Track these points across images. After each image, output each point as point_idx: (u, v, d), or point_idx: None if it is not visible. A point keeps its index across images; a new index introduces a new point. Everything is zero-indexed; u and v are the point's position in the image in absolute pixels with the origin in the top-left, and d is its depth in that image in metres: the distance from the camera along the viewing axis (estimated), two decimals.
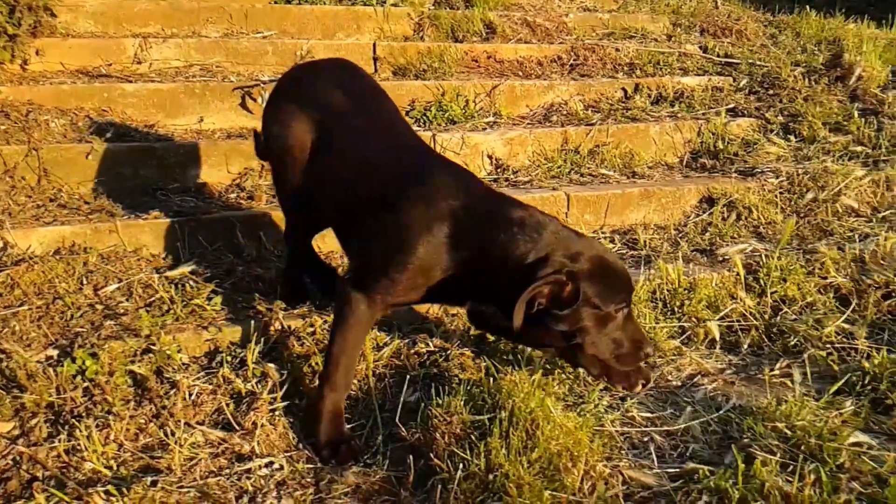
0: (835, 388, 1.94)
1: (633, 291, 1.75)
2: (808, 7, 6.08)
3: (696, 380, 2.13)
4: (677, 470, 1.64)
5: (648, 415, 1.90)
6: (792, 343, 2.25)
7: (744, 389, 2.07)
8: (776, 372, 2.15)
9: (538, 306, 1.59)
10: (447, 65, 3.84)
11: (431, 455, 1.62)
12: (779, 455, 1.63)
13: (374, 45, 3.90)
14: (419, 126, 3.37)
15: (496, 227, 1.64)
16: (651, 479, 1.62)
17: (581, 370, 1.91)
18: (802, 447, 1.68)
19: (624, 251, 2.77)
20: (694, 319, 2.35)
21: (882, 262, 2.58)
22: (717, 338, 2.30)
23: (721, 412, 1.89)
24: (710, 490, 1.55)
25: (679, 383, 2.11)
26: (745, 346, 2.29)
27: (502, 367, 1.96)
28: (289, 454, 1.73)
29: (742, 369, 2.19)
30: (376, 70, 3.87)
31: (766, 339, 2.30)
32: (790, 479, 1.54)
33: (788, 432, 1.72)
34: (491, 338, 2.08)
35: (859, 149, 3.35)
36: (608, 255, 1.74)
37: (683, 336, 2.32)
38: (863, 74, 3.92)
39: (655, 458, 1.68)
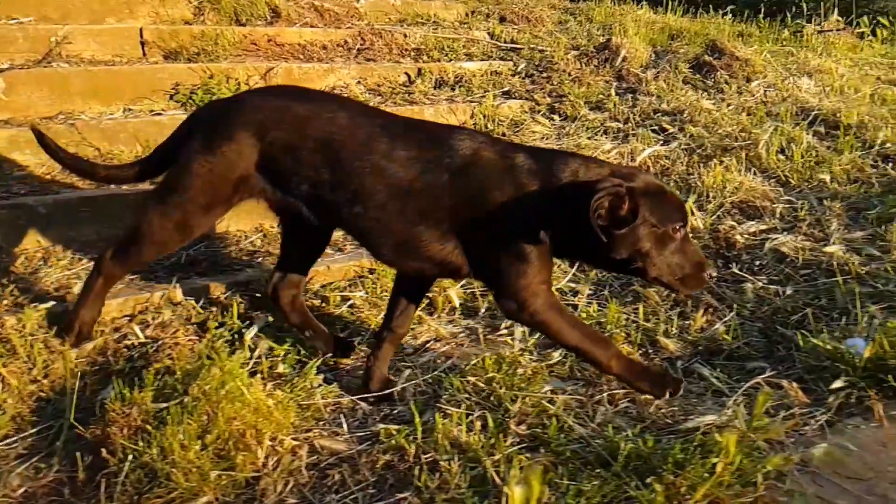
0: (532, 340, 2.07)
1: (687, 214, 1.78)
2: None
3: (428, 345, 2.19)
4: (368, 433, 1.67)
5: None
6: None
7: (470, 350, 2.15)
8: (503, 332, 2.26)
9: (599, 221, 1.59)
10: (222, 48, 3.70)
11: (104, 450, 1.52)
12: (464, 407, 1.71)
13: (141, 29, 3.67)
14: (183, 110, 3.21)
15: (560, 170, 1.69)
16: (342, 445, 1.63)
17: None
18: (492, 398, 1.77)
19: None
20: (436, 289, 2.41)
21: None
22: (457, 305, 2.39)
23: (434, 373, 1.95)
24: (392, 448, 1.59)
25: (411, 350, 2.16)
26: (483, 311, 2.39)
27: (220, 352, 1.90)
28: None
29: (475, 332, 2.28)
30: (145, 55, 3.64)
31: None
32: (470, 428, 1.62)
33: (483, 385, 1.81)
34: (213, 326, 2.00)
35: (614, 124, 3.62)
36: (661, 181, 1.81)
37: (428, 305, 2.39)
38: (627, 56, 4.23)
39: (348, 425, 1.70)
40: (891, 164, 3.14)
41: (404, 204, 1.71)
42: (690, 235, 1.77)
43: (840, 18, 5.73)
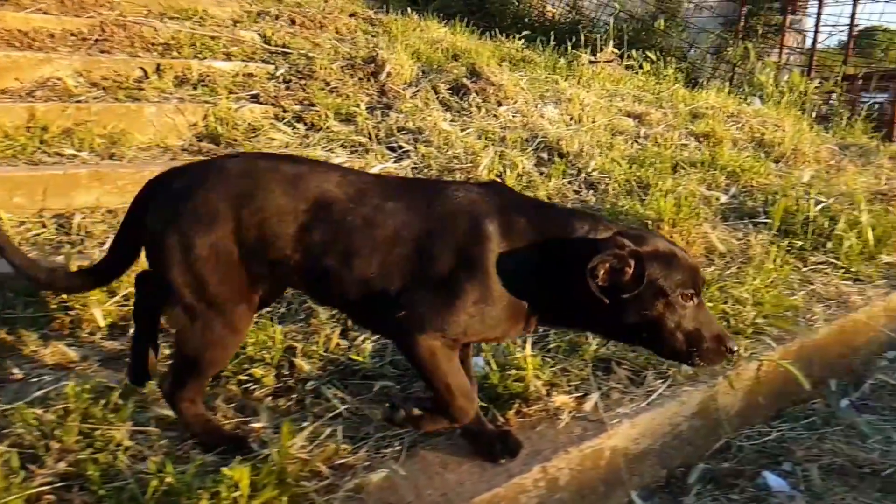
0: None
1: (703, 282, 1.61)
2: (409, 9, 6.62)
3: (47, 370, 2.00)
4: None
5: None
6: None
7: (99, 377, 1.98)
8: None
9: (599, 282, 1.49)
10: None
11: None
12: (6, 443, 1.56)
13: None
14: None
15: (554, 227, 1.59)
16: None
17: None
18: (56, 432, 1.62)
19: (53, 236, 2.57)
20: (77, 306, 2.23)
21: None
22: (102, 325, 2.21)
23: (18, 404, 1.77)
24: None
25: (20, 375, 1.96)
26: (132, 332, 2.23)
27: None
28: None
29: (117, 355, 2.12)
30: None
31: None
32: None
33: (52, 417, 1.66)
34: None
35: (359, 138, 3.60)
36: (673, 244, 1.62)
37: (71, 323, 2.20)
38: (391, 71, 4.27)
39: None
40: (592, 191, 3.37)
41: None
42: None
43: (616, 50, 6.18)
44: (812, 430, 2.19)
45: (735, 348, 1.58)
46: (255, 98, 3.77)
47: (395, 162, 3.40)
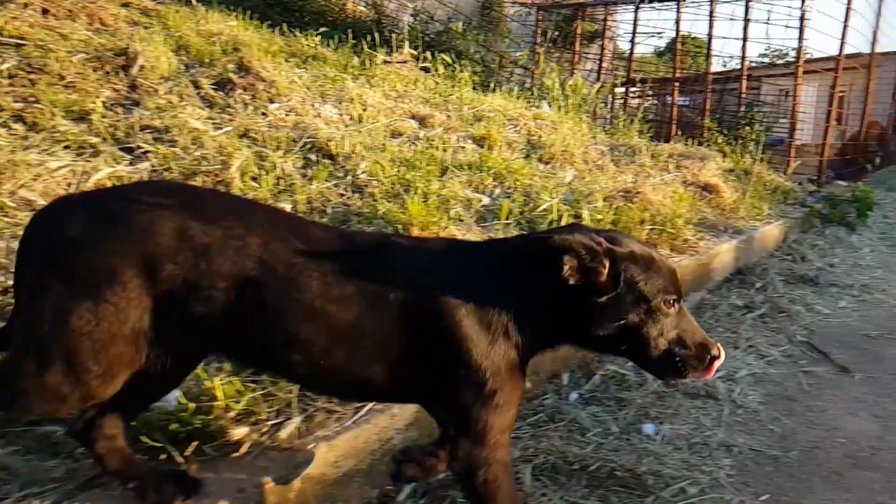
0: None
1: (681, 286, 1.49)
2: (195, 0, 6.12)
3: None
4: None
5: None
6: None
7: None
8: None
9: (570, 279, 1.37)
10: None
11: None
12: None
13: None
14: None
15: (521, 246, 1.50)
16: None
17: None
18: None
19: None
20: None
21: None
22: None
23: None
24: None
25: None
26: None
27: None
28: None
29: None
30: None
31: None
32: None
33: None
34: None
35: (92, 139, 3.18)
36: (649, 246, 1.52)
37: None
38: (145, 64, 3.86)
39: None
40: (358, 194, 3.25)
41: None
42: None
43: (413, 51, 6.16)
44: (537, 428, 2.21)
45: (718, 354, 1.48)
46: None
47: (130, 165, 3.03)
